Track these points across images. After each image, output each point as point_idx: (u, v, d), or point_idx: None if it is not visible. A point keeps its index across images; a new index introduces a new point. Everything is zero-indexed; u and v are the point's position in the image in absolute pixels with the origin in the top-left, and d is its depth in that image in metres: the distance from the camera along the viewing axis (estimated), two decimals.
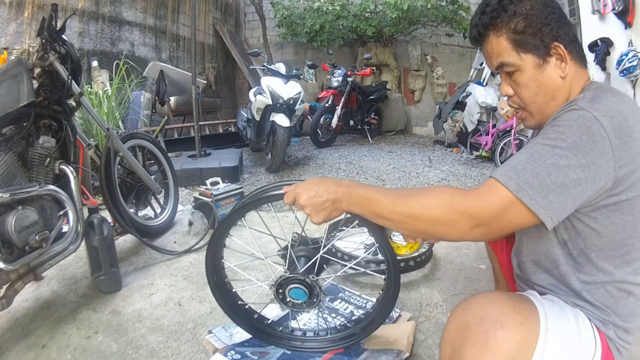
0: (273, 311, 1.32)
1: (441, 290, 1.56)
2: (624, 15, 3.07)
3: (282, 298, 1.06)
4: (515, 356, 0.66)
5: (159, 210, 2.28)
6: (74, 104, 1.63)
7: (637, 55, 2.99)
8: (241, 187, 2.42)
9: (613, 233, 0.74)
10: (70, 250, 1.42)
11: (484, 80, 4.94)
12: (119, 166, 2.00)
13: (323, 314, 1.23)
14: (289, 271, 1.03)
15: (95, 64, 4.23)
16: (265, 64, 3.98)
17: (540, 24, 0.77)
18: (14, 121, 1.37)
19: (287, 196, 0.86)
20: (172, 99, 4.55)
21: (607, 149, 0.68)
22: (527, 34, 0.78)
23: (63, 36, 1.57)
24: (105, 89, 3.78)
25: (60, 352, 1.24)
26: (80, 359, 1.22)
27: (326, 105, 5.28)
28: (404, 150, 5.07)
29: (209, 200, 2.21)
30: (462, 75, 6.10)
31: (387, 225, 0.83)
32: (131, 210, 2.04)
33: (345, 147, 5.23)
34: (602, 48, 3.28)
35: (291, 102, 3.52)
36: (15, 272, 1.29)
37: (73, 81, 1.56)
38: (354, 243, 1.63)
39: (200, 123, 4.58)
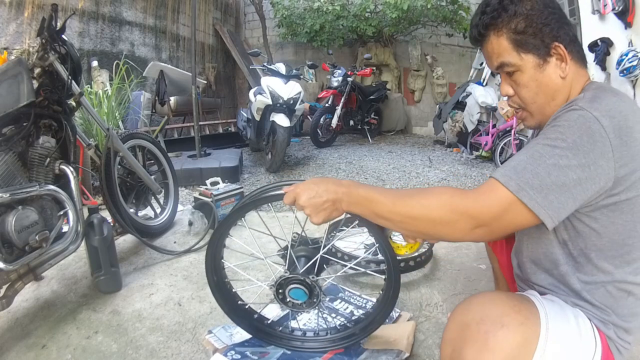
0: (273, 311, 1.32)
1: (441, 290, 1.56)
2: (624, 15, 3.07)
3: (282, 298, 1.06)
4: (516, 356, 0.66)
5: (159, 210, 2.28)
6: (74, 104, 1.63)
7: (637, 55, 2.99)
8: (241, 187, 2.42)
9: (613, 233, 0.75)
10: (70, 250, 1.42)
11: (484, 80, 4.94)
12: (119, 166, 2.00)
13: (323, 314, 1.23)
14: (289, 271, 1.03)
15: (95, 64, 4.23)
16: (265, 64, 3.98)
17: (541, 24, 0.78)
18: (14, 121, 1.37)
19: (287, 196, 0.86)
20: (172, 99, 4.55)
21: (607, 149, 0.68)
22: (528, 34, 0.78)
23: (63, 36, 1.57)
24: (105, 89, 3.78)
25: (60, 352, 1.24)
26: (80, 359, 1.22)
27: (326, 105, 5.28)
28: (404, 150, 5.07)
29: (209, 200, 2.21)
30: (462, 75, 6.11)
31: (387, 225, 0.82)
32: (131, 210, 2.04)
33: (345, 147, 5.22)
34: (602, 48, 3.28)
35: (291, 102, 3.52)
36: (15, 272, 1.29)
37: (73, 81, 1.56)
38: (354, 243, 1.63)
39: (200, 123, 4.58)
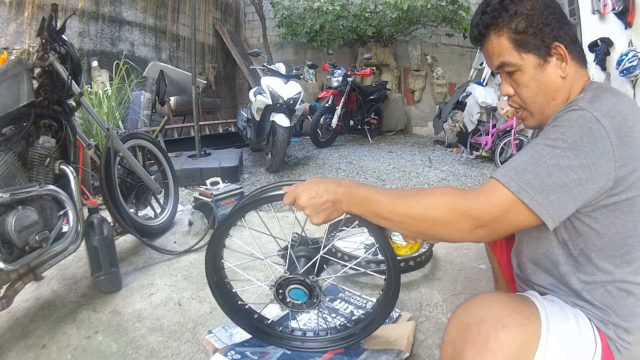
0: (273, 311, 1.32)
1: (441, 290, 1.56)
2: (624, 15, 3.07)
3: (282, 298, 1.05)
4: (517, 357, 0.66)
5: (159, 210, 2.28)
6: (74, 104, 1.63)
7: (637, 55, 2.99)
8: (241, 187, 2.42)
9: (613, 233, 0.75)
10: (70, 250, 1.42)
11: (484, 80, 4.94)
12: (119, 166, 2.00)
13: (323, 314, 1.23)
14: (288, 272, 1.03)
15: (95, 64, 4.23)
16: (265, 64, 3.98)
17: (541, 24, 0.78)
18: (14, 121, 1.37)
19: (287, 197, 0.85)
20: (172, 99, 4.55)
21: (608, 149, 0.68)
22: (528, 34, 0.78)
23: (63, 36, 1.57)
24: (105, 89, 3.78)
25: (60, 352, 1.24)
26: (80, 359, 1.22)
27: (326, 105, 5.28)
28: (404, 150, 5.07)
29: (209, 200, 2.21)
30: (462, 75, 6.11)
31: (387, 225, 0.82)
32: (131, 210, 2.04)
33: (345, 147, 5.22)
34: (602, 48, 3.28)
35: (291, 102, 3.52)
36: (15, 272, 1.29)
37: (73, 81, 1.56)
38: (354, 243, 1.63)
39: (200, 123, 4.58)
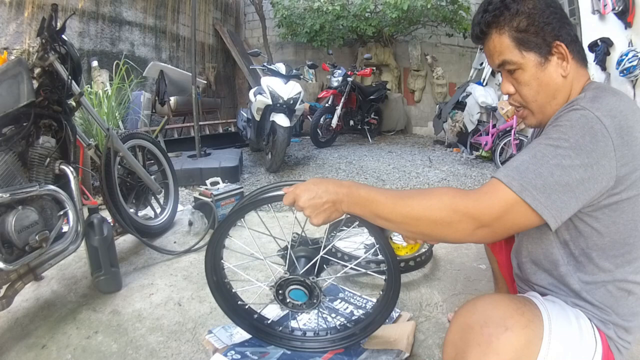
0: (273, 311, 1.32)
1: (441, 290, 1.56)
2: (624, 15, 3.07)
3: (282, 299, 1.05)
4: (519, 359, 0.66)
5: (159, 210, 2.28)
6: (74, 104, 1.63)
7: (637, 55, 2.98)
8: (241, 187, 2.42)
9: (614, 232, 0.75)
10: (70, 250, 1.42)
11: (484, 80, 4.94)
12: (119, 166, 2.00)
13: (323, 314, 1.23)
14: (288, 272, 1.03)
15: (95, 64, 4.22)
16: (265, 64, 3.97)
17: (543, 23, 0.78)
18: (14, 121, 1.37)
19: (287, 197, 0.85)
20: (172, 99, 4.55)
21: (609, 149, 0.68)
22: (530, 33, 0.78)
23: (63, 36, 1.57)
24: (105, 89, 3.78)
25: (60, 352, 1.24)
26: (80, 359, 1.22)
27: (326, 105, 5.28)
28: (404, 150, 5.07)
29: (209, 200, 2.21)
30: (462, 75, 6.11)
31: (388, 226, 0.82)
32: (131, 210, 2.04)
33: (345, 147, 5.22)
34: (602, 48, 3.28)
35: (291, 102, 3.52)
36: (15, 272, 1.29)
37: (73, 81, 1.56)
38: (354, 243, 1.63)
39: (200, 123, 4.58)
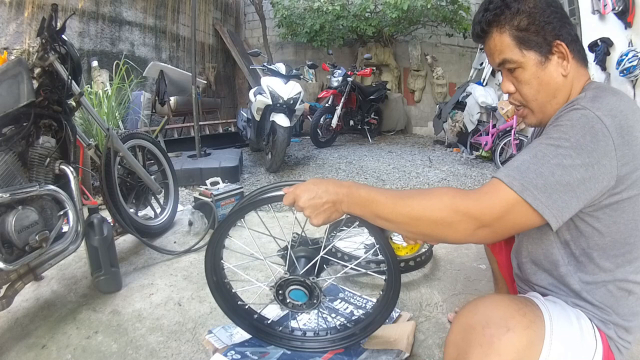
0: (273, 311, 1.32)
1: (441, 290, 1.56)
2: (624, 15, 3.07)
3: (282, 299, 1.05)
4: (521, 359, 0.66)
5: (159, 210, 2.28)
6: (74, 104, 1.63)
7: (637, 55, 2.98)
8: (241, 187, 2.42)
9: (615, 232, 0.75)
10: (70, 250, 1.42)
11: (484, 80, 4.94)
12: (119, 166, 2.00)
13: (323, 314, 1.23)
14: (288, 272, 1.03)
15: (95, 64, 4.22)
16: (265, 64, 3.97)
17: (543, 22, 0.78)
18: (14, 121, 1.37)
19: (287, 197, 0.85)
20: (172, 99, 4.55)
21: (610, 148, 0.68)
22: (530, 32, 0.78)
23: (63, 36, 1.57)
24: (105, 89, 3.78)
25: (60, 352, 1.24)
26: (80, 359, 1.22)
27: (326, 105, 5.28)
28: (404, 150, 5.07)
29: (209, 200, 2.21)
30: (462, 75, 6.11)
31: (388, 226, 0.82)
32: (131, 210, 2.04)
33: (345, 147, 5.22)
34: (602, 48, 3.28)
35: (291, 102, 3.52)
36: (15, 272, 1.29)
37: (73, 81, 1.56)
38: (354, 243, 1.63)
39: (200, 123, 4.58)
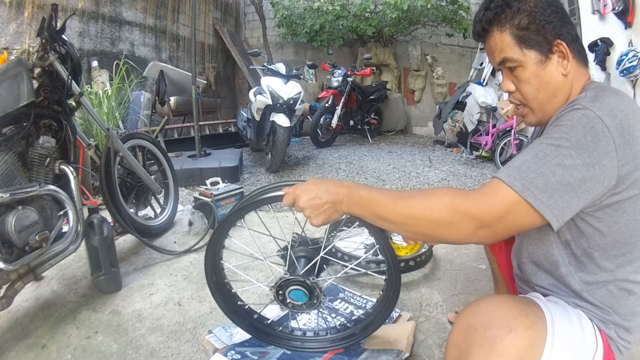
0: (273, 311, 1.32)
1: (441, 290, 1.56)
2: (624, 15, 3.07)
3: (282, 299, 1.05)
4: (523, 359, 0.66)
5: (159, 210, 2.28)
6: (74, 104, 1.63)
7: (637, 55, 2.98)
8: (241, 187, 2.42)
9: (616, 232, 0.75)
10: (70, 250, 1.42)
11: (484, 80, 4.94)
12: (119, 166, 2.00)
13: (323, 314, 1.23)
14: (288, 272, 1.03)
15: (95, 64, 4.22)
16: (265, 64, 3.97)
17: (544, 21, 0.78)
18: (14, 121, 1.37)
19: (287, 198, 0.85)
20: (172, 99, 4.55)
21: (611, 148, 0.68)
22: (531, 31, 0.78)
23: (63, 36, 1.57)
24: (105, 89, 3.78)
25: (60, 352, 1.24)
26: (80, 359, 1.22)
27: (326, 105, 5.28)
28: (404, 150, 5.07)
29: (209, 200, 2.21)
30: (462, 75, 6.11)
31: (388, 227, 0.81)
32: (131, 210, 2.04)
33: (345, 147, 5.22)
34: (602, 48, 3.28)
35: (291, 102, 3.52)
36: (15, 272, 1.29)
37: (73, 81, 1.56)
38: (354, 243, 1.63)
39: (200, 123, 4.58)
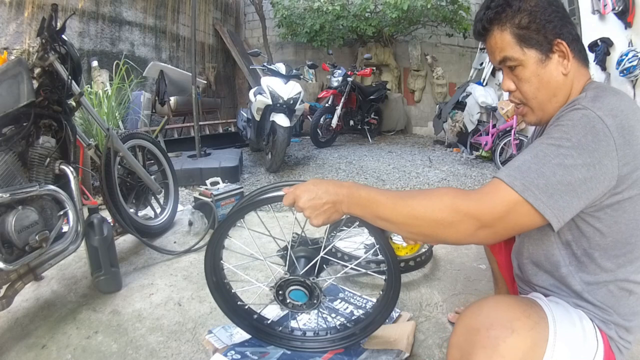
0: (273, 311, 1.32)
1: (441, 290, 1.56)
2: (624, 15, 3.07)
3: (282, 299, 1.05)
4: None
5: (159, 210, 2.28)
6: (74, 104, 1.63)
7: (637, 55, 2.98)
8: (241, 187, 2.42)
9: (616, 232, 0.75)
10: (70, 250, 1.42)
11: (484, 80, 4.94)
12: (119, 166, 2.00)
13: (323, 314, 1.23)
14: (288, 272, 1.03)
15: (95, 64, 4.22)
16: (265, 64, 3.97)
17: (544, 20, 0.78)
18: (14, 121, 1.37)
19: (287, 198, 0.85)
20: (172, 99, 4.55)
21: (611, 148, 0.68)
22: (531, 30, 0.78)
23: (63, 36, 1.57)
24: (105, 89, 3.78)
25: (60, 352, 1.24)
26: (80, 359, 1.22)
27: (326, 105, 5.28)
28: (404, 150, 5.07)
29: (209, 200, 2.21)
30: (462, 75, 6.11)
31: (388, 227, 0.81)
32: (131, 210, 2.04)
33: (345, 147, 5.22)
34: (602, 48, 3.28)
35: (291, 102, 3.52)
36: (15, 272, 1.29)
37: (73, 81, 1.56)
38: (354, 243, 1.63)
39: (200, 123, 4.58)
